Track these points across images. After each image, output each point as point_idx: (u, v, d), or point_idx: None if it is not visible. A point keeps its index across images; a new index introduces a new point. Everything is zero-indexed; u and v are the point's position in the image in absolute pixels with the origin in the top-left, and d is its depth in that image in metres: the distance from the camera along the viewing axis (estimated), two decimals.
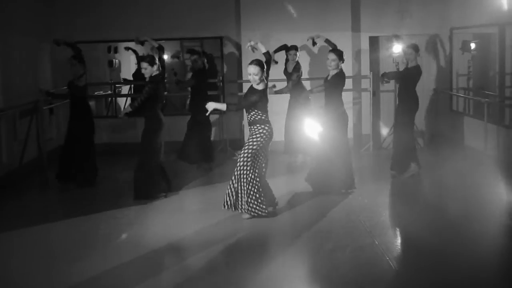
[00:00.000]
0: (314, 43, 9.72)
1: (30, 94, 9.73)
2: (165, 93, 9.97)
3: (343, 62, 8.26)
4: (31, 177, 9.40)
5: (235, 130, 11.84)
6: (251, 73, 7.24)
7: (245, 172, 7.25)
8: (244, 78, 11.36)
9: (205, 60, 10.18)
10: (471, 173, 9.12)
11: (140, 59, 8.26)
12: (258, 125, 7.31)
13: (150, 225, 7.23)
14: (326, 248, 6.30)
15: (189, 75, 11.17)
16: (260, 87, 7.28)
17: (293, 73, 10.22)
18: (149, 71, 8.19)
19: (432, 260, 5.93)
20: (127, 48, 9.70)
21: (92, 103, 10.67)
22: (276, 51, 10.53)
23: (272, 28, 11.48)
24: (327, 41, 8.90)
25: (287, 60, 10.54)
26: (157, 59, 8.44)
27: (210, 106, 7.28)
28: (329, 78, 8.28)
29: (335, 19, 11.50)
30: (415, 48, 8.95)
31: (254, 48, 7.97)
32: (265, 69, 7.30)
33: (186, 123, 10.12)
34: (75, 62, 8.97)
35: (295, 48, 10.40)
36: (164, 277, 5.76)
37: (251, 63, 7.29)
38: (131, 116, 8.54)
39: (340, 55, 8.21)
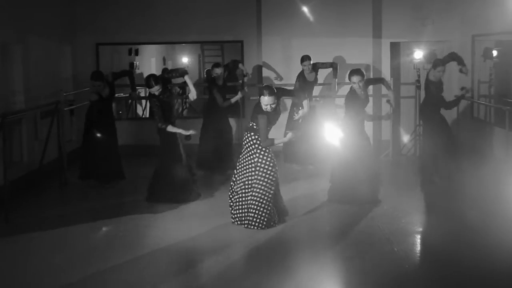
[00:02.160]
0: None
1: (51, 95, 9.80)
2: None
3: None
4: (51, 177, 9.44)
5: None
6: (268, 104, 6.87)
7: (269, 191, 7.09)
8: (264, 83, 11.32)
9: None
10: (493, 182, 9.00)
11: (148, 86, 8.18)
12: None
13: (169, 230, 7.21)
14: (345, 255, 6.26)
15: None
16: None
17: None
18: (156, 88, 8.00)
19: (451, 269, 5.87)
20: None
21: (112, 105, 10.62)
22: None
23: (293, 33, 11.48)
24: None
25: (301, 72, 10.24)
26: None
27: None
28: (362, 96, 8.04)
29: (356, 25, 11.48)
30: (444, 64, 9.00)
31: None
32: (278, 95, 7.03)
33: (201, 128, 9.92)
34: (102, 84, 8.99)
35: (308, 58, 10.09)
36: (181, 282, 5.76)
37: (264, 94, 6.88)
38: None
39: (363, 74, 7.97)
